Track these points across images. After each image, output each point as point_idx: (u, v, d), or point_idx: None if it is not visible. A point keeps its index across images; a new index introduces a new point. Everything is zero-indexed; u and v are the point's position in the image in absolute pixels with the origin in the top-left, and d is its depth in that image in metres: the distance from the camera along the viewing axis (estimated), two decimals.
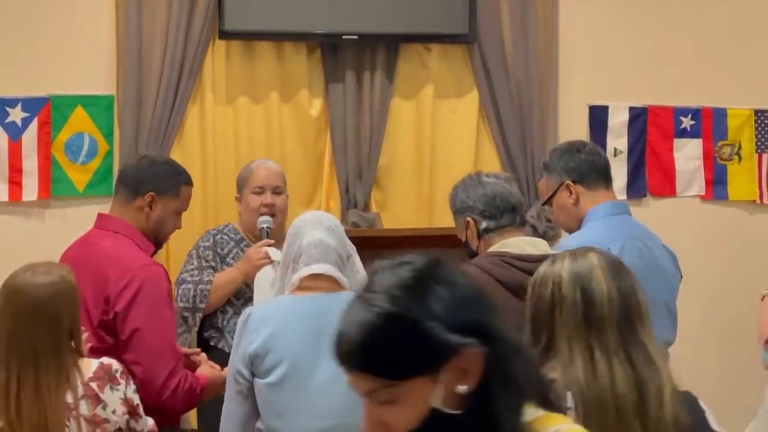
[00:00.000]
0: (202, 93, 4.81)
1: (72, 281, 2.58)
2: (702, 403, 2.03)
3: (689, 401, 2.01)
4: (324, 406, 2.83)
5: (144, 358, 3.10)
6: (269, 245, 3.81)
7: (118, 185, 3.41)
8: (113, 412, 2.45)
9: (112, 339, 3.15)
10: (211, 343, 3.82)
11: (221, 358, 2.96)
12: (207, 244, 3.95)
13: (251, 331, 2.87)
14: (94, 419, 2.42)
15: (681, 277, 3.34)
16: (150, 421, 2.61)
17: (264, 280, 3.70)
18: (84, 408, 2.41)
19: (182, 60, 4.72)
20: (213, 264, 3.89)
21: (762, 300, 3.26)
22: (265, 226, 3.90)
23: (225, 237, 3.98)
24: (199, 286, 3.79)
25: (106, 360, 2.53)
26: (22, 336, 2.47)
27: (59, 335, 2.49)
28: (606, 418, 1.90)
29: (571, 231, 3.35)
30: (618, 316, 1.98)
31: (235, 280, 3.82)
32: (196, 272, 3.84)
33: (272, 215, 3.94)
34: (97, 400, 2.44)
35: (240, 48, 4.82)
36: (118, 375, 2.51)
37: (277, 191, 4.02)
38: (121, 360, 3.12)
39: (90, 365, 2.48)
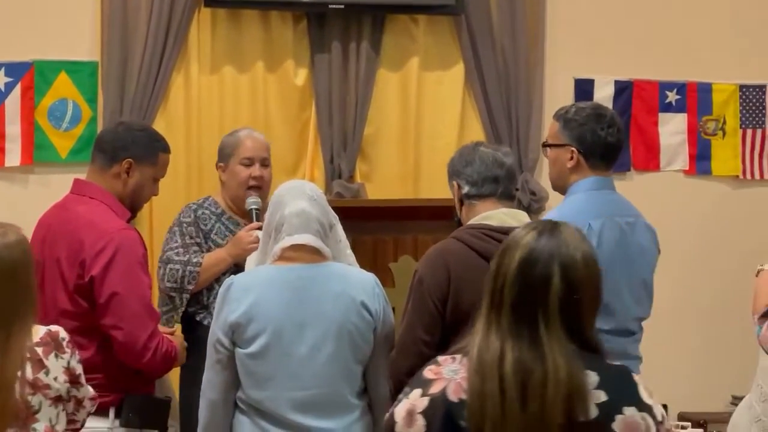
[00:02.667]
0: (187, 61, 4.78)
1: (29, 245, 2.57)
2: (636, 377, 2.04)
3: (620, 375, 2.02)
4: (305, 376, 2.84)
5: (124, 321, 3.12)
6: (259, 228, 3.76)
7: (95, 151, 3.39)
8: (55, 379, 2.46)
9: (87, 303, 3.16)
10: (197, 319, 3.80)
11: (206, 334, 2.96)
12: (189, 220, 3.86)
13: (233, 300, 2.88)
14: (36, 383, 2.43)
15: (659, 252, 3.36)
16: (90, 390, 2.62)
17: (254, 263, 3.67)
18: (27, 371, 2.42)
19: (167, 27, 4.69)
20: (198, 240, 3.82)
21: (756, 275, 3.27)
22: (254, 207, 3.80)
23: (206, 212, 3.89)
24: (188, 268, 3.72)
25: (54, 327, 2.53)
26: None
27: (30, 295, 2.48)
28: (490, 394, 1.93)
29: (553, 184, 3.37)
30: (515, 300, 1.98)
31: (224, 262, 3.76)
32: (182, 250, 3.77)
33: (259, 188, 3.88)
34: (40, 365, 2.44)
35: (225, 16, 4.79)
36: (64, 343, 2.50)
37: (265, 163, 3.94)
38: (99, 324, 3.15)
39: (38, 330, 2.48)
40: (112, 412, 3.17)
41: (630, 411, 1.97)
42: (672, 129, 5.19)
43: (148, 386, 3.29)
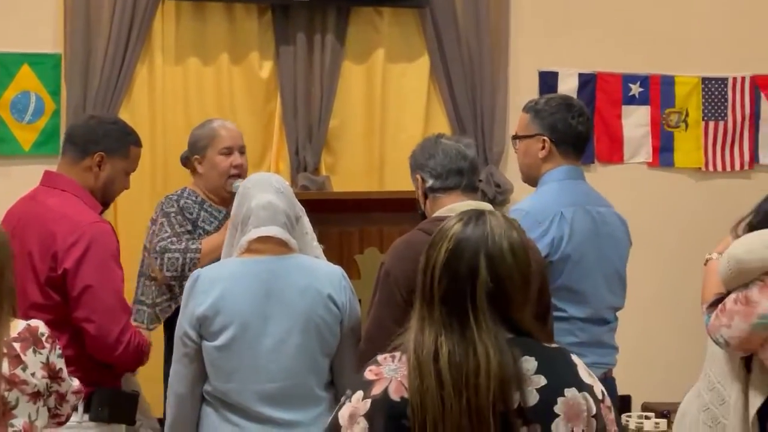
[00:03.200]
0: (151, 53, 4.76)
1: (7, 238, 2.54)
2: (574, 358, 2.06)
3: (558, 357, 2.04)
4: (272, 368, 2.84)
5: (96, 314, 3.10)
6: None
7: (66, 145, 3.37)
8: (33, 374, 2.43)
9: (59, 296, 3.14)
10: None
11: None
12: (174, 209, 3.82)
13: (200, 293, 2.87)
14: (12, 379, 2.40)
15: (630, 244, 3.39)
16: (75, 382, 2.59)
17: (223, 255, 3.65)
18: (4, 366, 2.40)
19: (131, 19, 4.66)
20: (189, 228, 3.79)
21: (705, 264, 3.30)
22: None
23: (188, 201, 3.86)
24: (188, 255, 3.68)
25: (33, 322, 2.50)
26: None
27: (7, 289, 2.46)
28: (429, 389, 1.94)
29: (523, 176, 3.38)
30: (444, 292, 1.99)
31: (222, 246, 3.74)
32: (175, 239, 3.73)
33: (239, 176, 3.85)
34: (17, 360, 2.41)
35: (190, 8, 4.77)
36: (44, 339, 2.47)
37: (242, 151, 3.93)
38: (71, 317, 3.12)
39: (17, 325, 2.46)
40: (81, 406, 3.15)
41: (571, 392, 1.98)
42: (635, 121, 5.24)
43: (116, 381, 3.28)
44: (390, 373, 2.02)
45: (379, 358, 2.07)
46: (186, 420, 2.91)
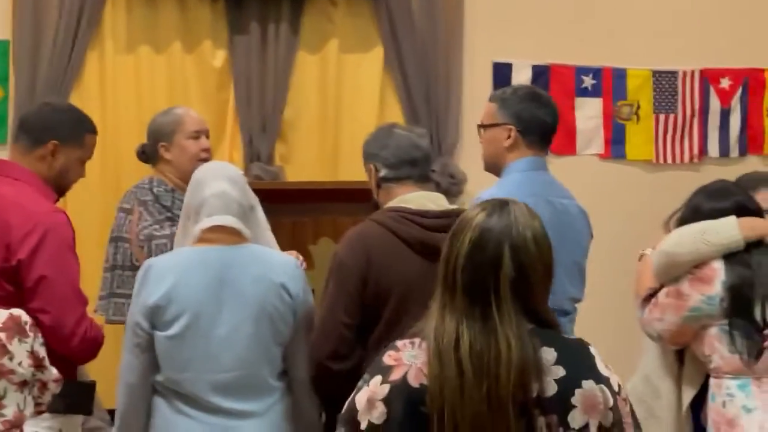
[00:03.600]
0: (102, 40, 4.71)
1: None
2: (593, 350, 2.07)
3: (577, 349, 2.05)
4: (225, 358, 2.83)
5: (52, 305, 3.05)
6: None
7: (19, 132, 3.32)
8: (19, 364, 2.41)
9: (13, 287, 3.08)
10: None
11: None
12: (149, 198, 3.77)
13: (152, 283, 2.85)
14: (0, 369, 2.37)
15: (591, 237, 3.41)
16: (54, 371, 2.57)
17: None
18: None
19: (81, 4, 4.61)
20: (169, 215, 3.74)
21: (639, 260, 3.35)
22: None
23: (160, 190, 3.80)
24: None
25: (15, 311, 2.47)
26: None
27: None
28: (449, 377, 1.95)
29: (487, 165, 3.38)
30: (467, 280, 1.99)
31: None
32: (158, 226, 3.69)
33: (207, 160, 3.81)
34: (3, 350, 2.39)
35: None
36: (27, 327, 2.46)
37: (208, 135, 3.93)
38: (25, 308, 3.08)
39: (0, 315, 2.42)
40: None
41: (588, 384, 1.99)
42: (588, 113, 5.27)
43: (71, 371, 3.23)
44: (409, 359, 2.02)
45: (398, 343, 2.07)
46: (137, 410, 2.89)
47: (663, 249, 3.03)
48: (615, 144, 5.30)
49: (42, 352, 2.48)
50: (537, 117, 3.28)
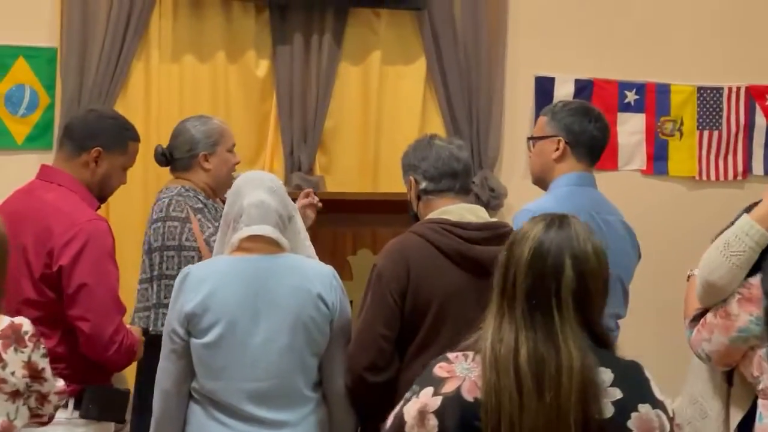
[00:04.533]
0: (147, 49, 4.75)
1: (5, 233, 2.52)
2: (647, 373, 2.04)
3: (633, 371, 2.02)
4: (260, 367, 2.83)
5: (91, 313, 3.08)
6: (307, 195, 3.75)
7: (64, 139, 3.35)
8: (12, 373, 2.39)
9: (54, 293, 3.11)
10: None
11: None
12: (201, 206, 3.75)
13: (189, 290, 2.86)
14: None
15: (639, 257, 3.37)
16: (60, 383, 2.56)
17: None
18: None
19: (128, 14, 4.65)
20: (217, 223, 3.73)
21: (688, 280, 3.30)
22: None
23: (200, 198, 3.78)
24: None
25: (18, 319, 2.46)
26: None
27: None
28: (507, 387, 1.90)
29: (535, 178, 3.37)
30: (528, 288, 1.97)
31: None
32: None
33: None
34: None
35: (187, 5, 4.76)
36: (26, 337, 2.43)
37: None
38: (65, 315, 3.10)
39: (1, 321, 2.42)
40: (71, 403, 3.13)
41: (645, 408, 1.96)
42: (630, 129, 5.23)
43: (106, 378, 3.25)
44: (463, 371, 1.98)
45: (450, 355, 2.03)
46: (172, 417, 2.90)
47: (701, 277, 2.97)
48: (657, 160, 5.26)
49: (42, 363, 2.46)
50: (587, 130, 3.27)
